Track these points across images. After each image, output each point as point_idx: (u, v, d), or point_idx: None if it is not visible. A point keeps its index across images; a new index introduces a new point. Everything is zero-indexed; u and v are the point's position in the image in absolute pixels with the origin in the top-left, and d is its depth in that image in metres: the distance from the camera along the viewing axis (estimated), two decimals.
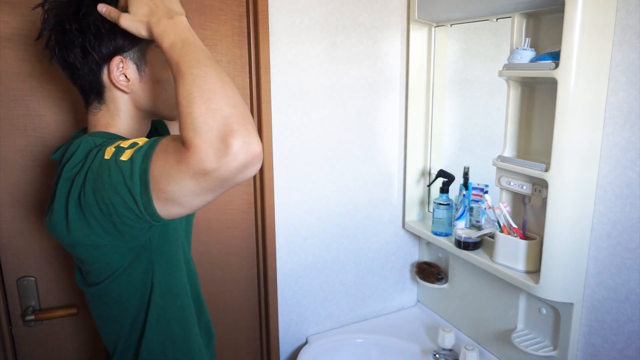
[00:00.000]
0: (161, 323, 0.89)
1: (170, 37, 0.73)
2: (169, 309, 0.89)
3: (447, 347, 1.48)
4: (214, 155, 0.63)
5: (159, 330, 0.89)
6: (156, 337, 0.89)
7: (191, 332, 0.94)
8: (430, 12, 1.50)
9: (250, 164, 0.65)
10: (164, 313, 0.89)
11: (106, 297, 0.87)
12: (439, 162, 1.69)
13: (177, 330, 0.91)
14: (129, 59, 0.83)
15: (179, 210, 0.72)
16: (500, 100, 1.34)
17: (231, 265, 1.54)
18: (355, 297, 1.73)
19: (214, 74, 0.68)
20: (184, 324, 0.92)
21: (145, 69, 0.85)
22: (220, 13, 1.38)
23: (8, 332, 1.28)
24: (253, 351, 1.64)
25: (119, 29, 0.79)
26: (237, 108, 0.66)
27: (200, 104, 0.65)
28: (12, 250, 1.27)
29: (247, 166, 0.65)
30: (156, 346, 0.89)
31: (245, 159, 0.64)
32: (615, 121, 1.10)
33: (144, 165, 0.68)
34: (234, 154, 0.63)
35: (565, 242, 1.15)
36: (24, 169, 1.24)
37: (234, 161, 0.63)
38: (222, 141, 0.63)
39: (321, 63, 1.50)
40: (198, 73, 0.68)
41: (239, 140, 0.63)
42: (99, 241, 0.77)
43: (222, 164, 0.63)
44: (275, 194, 1.51)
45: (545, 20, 1.22)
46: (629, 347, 1.14)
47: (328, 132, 1.56)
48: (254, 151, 0.64)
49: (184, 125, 0.65)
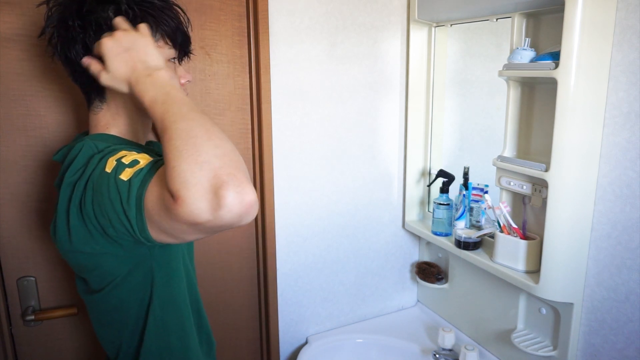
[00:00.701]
0: (160, 333, 0.88)
1: (151, 94, 0.72)
2: (168, 320, 0.89)
3: (447, 347, 1.48)
4: (207, 209, 0.61)
5: (157, 340, 0.89)
6: (154, 347, 0.89)
7: (190, 343, 0.94)
8: (430, 12, 1.50)
9: (245, 214, 0.63)
10: (163, 324, 0.88)
11: (106, 305, 0.87)
12: (439, 162, 1.69)
13: (176, 341, 0.91)
14: None
15: (173, 240, 0.72)
16: (500, 100, 1.34)
17: (231, 265, 1.54)
18: (355, 297, 1.73)
19: (199, 126, 0.66)
20: (182, 334, 0.92)
21: None
22: (220, 13, 1.38)
23: (8, 332, 1.28)
24: (253, 351, 1.64)
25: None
26: (226, 157, 0.64)
27: (187, 157, 0.62)
28: (12, 250, 1.27)
29: (242, 216, 0.63)
30: (154, 356, 0.89)
31: (239, 210, 0.62)
32: (615, 121, 1.10)
33: (139, 191, 0.68)
34: (228, 206, 0.61)
35: (565, 242, 1.15)
36: (24, 169, 1.24)
37: (229, 213, 0.61)
38: (214, 194, 0.61)
39: (321, 63, 1.50)
40: (182, 127, 0.66)
41: (232, 191, 0.61)
42: (98, 249, 0.77)
43: (217, 217, 0.61)
44: (275, 194, 1.51)
45: (545, 20, 1.22)
46: (629, 347, 1.14)
47: (328, 132, 1.56)
48: (248, 200, 0.62)
49: (170, 178, 0.63)
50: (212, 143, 0.65)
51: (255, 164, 1.50)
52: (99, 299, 0.86)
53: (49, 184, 1.27)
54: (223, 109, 1.44)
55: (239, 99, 1.45)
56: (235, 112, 1.46)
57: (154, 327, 0.87)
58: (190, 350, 0.94)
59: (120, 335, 0.89)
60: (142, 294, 0.85)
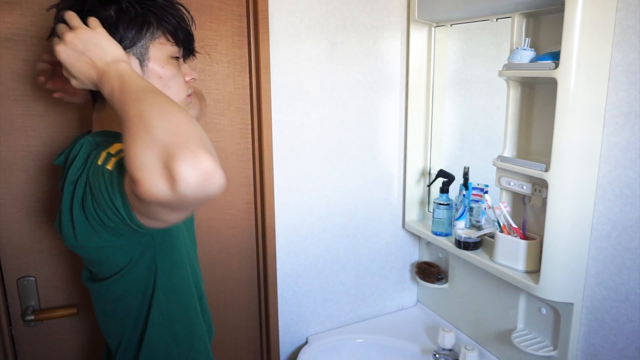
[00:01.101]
0: (164, 322, 0.89)
1: (108, 87, 0.72)
2: (172, 308, 0.89)
3: (447, 347, 1.48)
4: (165, 187, 0.58)
5: (161, 329, 0.89)
6: (159, 336, 0.89)
7: (195, 330, 0.94)
8: (430, 12, 1.50)
9: (206, 184, 0.59)
10: (167, 312, 0.89)
11: (110, 294, 0.88)
12: (439, 162, 1.69)
13: (181, 330, 0.92)
14: (132, 54, 0.83)
15: (160, 224, 0.71)
16: (500, 100, 1.34)
17: (231, 265, 1.54)
18: (355, 297, 1.73)
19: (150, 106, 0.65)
20: (188, 323, 0.93)
21: (148, 65, 0.85)
22: (220, 13, 1.38)
23: (8, 332, 1.28)
24: (253, 351, 1.64)
25: (122, 26, 0.80)
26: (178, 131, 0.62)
27: (138, 139, 0.61)
28: (12, 250, 1.27)
29: (203, 187, 0.59)
30: (159, 345, 0.90)
31: (197, 180, 0.58)
32: (615, 121, 1.10)
33: (119, 178, 0.68)
34: (183, 180, 0.58)
35: (565, 242, 1.15)
36: (24, 169, 1.24)
37: (187, 187, 0.58)
38: (167, 171, 0.58)
39: (321, 63, 1.50)
40: (134, 111, 0.65)
41: (183, 163, 0.58)
42: (102, 242, 0.78)
43: (177, 192, 0.59)
44: (275, 194, 1.51)
45: (545, 20, 1.22)
46: (629, 347, 1.14)
47: (328, 132, 1.56)
48: (203, 169, 0.58)
49: (127, 164, 0.62)
50: (163, 120, 0.63)
51: (255, 164, 1.50)
52: (103, 288, 0.87)
53: (49, 184, 1.27)
54: (223, 109, 1.44)
55: (239, 99, 1.45)
56: (235, 112, 1.46)
57: (159, 317, 0.88)
58: (195, 337, 0.94)
59: (123, 326, 0.90)
60: (145, 284, 0.86)
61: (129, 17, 0.81)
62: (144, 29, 0.83)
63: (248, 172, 1.51)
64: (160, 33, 0.85)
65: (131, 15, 0.81)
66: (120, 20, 0.81)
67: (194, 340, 0.94)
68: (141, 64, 0.84)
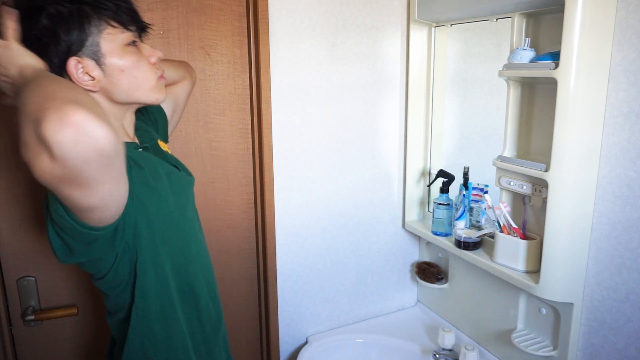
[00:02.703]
0: (141, 323, 0.90)
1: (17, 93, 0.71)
2: (150, 309, 0.90)
3: (447, 347, 1.48)
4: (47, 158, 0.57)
5: (139, 330, 0.90)
6: (137, 337, 0.90)
7: (174, 330, 0.93)
8: (430, 12, 1.50)
9: (82, 135, 0.57)
10: (144, 314, 0.89)
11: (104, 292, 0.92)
12: (439, 162, 1.69)
13: (159, 330, 0.91)
14: (85, 56, 0.79)
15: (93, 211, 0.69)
16: (500, 100, 1.34)
17: (231, 265, 1.54)
18: (355, 297, 1.73)
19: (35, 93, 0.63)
20: (166, 323, 0.92)
21: (105, 61, 0.80)
22: (220, 13, 1.38)
23: (8, 332, 1.28)
24: (253, 351, 1.64)
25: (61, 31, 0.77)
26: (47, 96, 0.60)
27: (22, 126, 0.61)
28: (12, 250, 1.27)
29: (77, 139, 0.56)
30: (137, 345, 0.91)
31: (68, 134, 0.56)
32: (615, 121, 1.10)
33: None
34: (54, 139, 0.56)
35: (565, 242, 1.15)
36: (24, 168, 1.24)
37: (63, 145, 0.56)
38: (40, 140, 0.57)
39: (321, 63, 1.50)
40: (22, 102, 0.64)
41: (48, 122, 0.56)
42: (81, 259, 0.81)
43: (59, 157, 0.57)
44: (275, 194, 1.51)
45: (545, 20, 1.22)
46: (628, 347, 1.14)
47: (328, 132, 1.56)
48: (72, 120, 0.56)
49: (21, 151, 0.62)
50: (34, 96, 0.61)
51: (255, 164, 1.50)
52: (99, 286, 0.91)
53: None
54: (223, 109, 1.44)
55: (239, 99, 1.46)
56: (235, 112, 1.46)
57: (136, 317, 0.89)
58: (175, 337, 0.93)
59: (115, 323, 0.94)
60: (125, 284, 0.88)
61: (63, 19, 0.76)
62: (85, 23, 0.77)
63: (248, 172, 1.51)
64: (104, 23, 0.79)
65: (65, 15, 0.76)
66: (57, 26, 0.76)
67: (172, 339, 0.93)
68: (97, 62, 0.80)
